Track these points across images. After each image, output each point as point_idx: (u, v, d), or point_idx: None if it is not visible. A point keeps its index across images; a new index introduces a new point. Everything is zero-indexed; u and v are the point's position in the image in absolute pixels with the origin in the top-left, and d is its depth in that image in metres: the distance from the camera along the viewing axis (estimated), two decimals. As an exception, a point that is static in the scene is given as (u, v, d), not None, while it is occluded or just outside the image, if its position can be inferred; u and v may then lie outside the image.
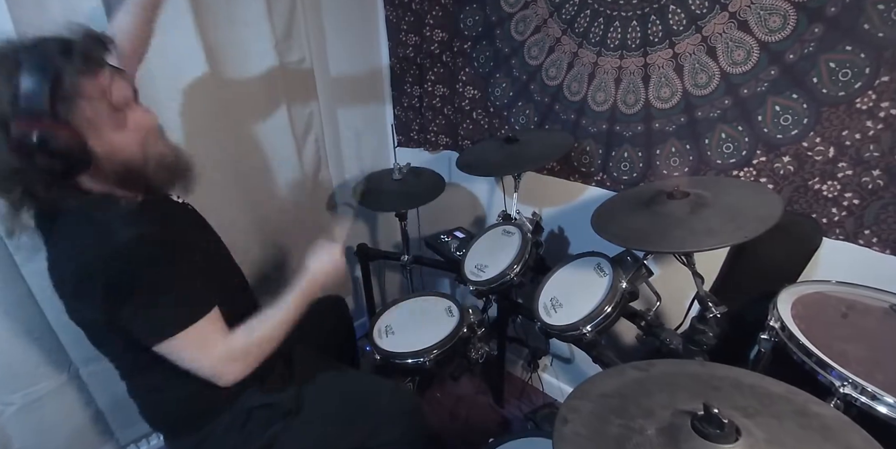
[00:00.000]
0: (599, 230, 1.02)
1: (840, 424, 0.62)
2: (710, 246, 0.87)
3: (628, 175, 1.34)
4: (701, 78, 1.11)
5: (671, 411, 0.63)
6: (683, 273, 1.02)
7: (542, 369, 1.84)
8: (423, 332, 1.37)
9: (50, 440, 1.28)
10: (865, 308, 0.95)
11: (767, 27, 1.00)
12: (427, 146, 1.83)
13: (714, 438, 0.57)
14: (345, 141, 1.85)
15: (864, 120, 0.94)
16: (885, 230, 0.99)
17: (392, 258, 1.79)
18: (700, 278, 1.01)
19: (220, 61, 1.34)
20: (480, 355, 1.47)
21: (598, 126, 1.34)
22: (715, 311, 0.99)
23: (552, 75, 1.38)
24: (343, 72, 1.74)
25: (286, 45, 1.48)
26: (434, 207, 1.58)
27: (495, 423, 1.76)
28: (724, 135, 1.13)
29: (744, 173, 1.13)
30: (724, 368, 0.73)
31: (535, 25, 1.36)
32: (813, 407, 0.65)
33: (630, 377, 0.72)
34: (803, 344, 0.83)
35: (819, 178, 1.03)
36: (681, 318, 1.13)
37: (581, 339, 1.08)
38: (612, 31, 1.22)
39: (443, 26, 1.58)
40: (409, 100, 1.81)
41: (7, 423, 1.20)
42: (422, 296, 1.57)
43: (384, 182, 1.62)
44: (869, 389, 0.74)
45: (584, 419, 0.65)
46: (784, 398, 0.66)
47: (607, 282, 1.12)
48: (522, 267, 1.28)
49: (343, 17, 1.66)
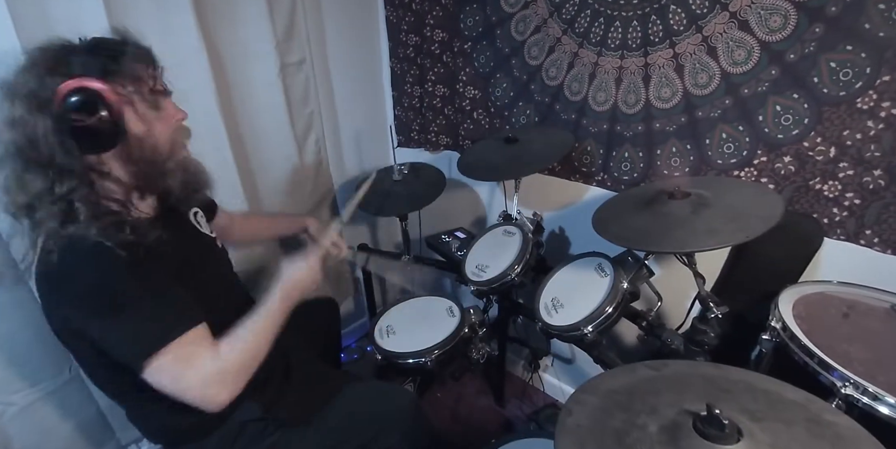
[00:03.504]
0: (600, 230, 1.02)
1: (854, 433, 0.61)
2: (711, 246, 0.87)
3: (629, 175, 1.34)
4: (701, 78, 1.11)
5: (676, 410, 0.63)
6: (684, 273, 1.02)
7: (543, 370, 1.84)
8: (424, 332, 1.37)
9: (50, 441, 1.28)
10: (867, 308, 0.95)
11: (768, 27, 0.99)
12: (427, 146, 1.83)
13: (713, 439, 0.57)
14: (345, 141, 1.85)
15: (865, 120, 0.94)
16: (887, 230, 0.99)
17: (393, 258, 1.79)
18: (701, 278, 1.01)
19: (222, 61, 1.35)
20: (481, 355, 1.47)
21: (598, 126, 1.34)
22: (716, 311, 0.99)
23: (552, 75, 1.38)
24: (343, 72, 1.73)
25: (287, 45, 1.49)
26: (435, 208, 1.58)
27: (496, 423, 1.75)
28: (725, 135, 1.13)
29: (745, 173, 1.13)
30: (738, 371, 0.72)
31: (536, 25, 1.36)
32: (827, 416, 0.63)
33: (641, 376, 0.72)
34: (805, 344, 0.83)
35: (820, 178, 1.03)
36: (682, 318, 1.13)
37: (582, 339, 1.08)
38: (613, 31, 1.22)
39: (443, 26, 1.58)
40: (409, 100, 1.80)
41: (8, 423, 1.20)
42: (422, 296, 1.57)
43: (384, 183, 1.62)
44: (871, 390, 0.74)
45: (588, 412, 0.65)
46: (798, 405, 0.66)
47: (608, 282, 1.12)
48: (523, 267, 1.27)
49: (343, 17, 1.66)
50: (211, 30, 1.29)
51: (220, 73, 1.34)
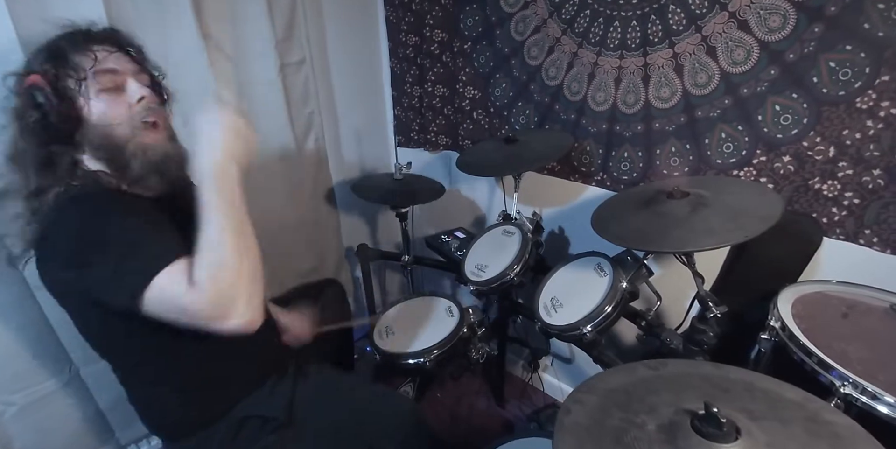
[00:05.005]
0: (600, 230, 1.02)
1: (852, 433, 0.61)
2: (710, 246, 0.87)
3: (628, 175, 1.34)
4: (701, 78, 1.11)
5: (674, 409, 0.63)
6: (684, 273, 1.02)
7: (543, 369, 1.84)
8: (423, 332, 1.37)
9: (50, 440, 1.28)
10: (866, 308, 0.95)
11: (767, 27, 0.99)
12: (427, 146, 1.83)
13: (711, 437, 0.57)
14: (345, 141, 1.85)
15: (864, 119, 0.94)
16: (886, 230, 0.99)
17: (392, 258, 1.79)
18: (700, 278, 1.01)
19: (221, 61, 1.35)
20: (481, 355, 1.47)
21: (598, 126, 1.34)
22: (715, 310, 0.99)
23: (552, 75, 1.38)
24: (343, 72, 1.74)
25: (287, 44, 1.49)
26: (435, 208, 1.58)
27: (496, 423, 1.75)
28: (724, 134, 1.13)
29: (744, 173, 1.13)
30: (738, 370, 0.72)
31: (535, 25, 1.37)
32: (826, 415, 0.63)
33: (640, 375, 0.72)
34: (804, 344, 0.83)
35: (819, 177, 1.03)
36: (681, 317, 1.13)
37: (581, 339, 1.08)
38: (612, 31, 1.22)
39: (443, 26, 1.58)
40: (409, 100, 1.81)
41: (8, 423, 1.20)
42: (422, 296, 1.57)
43: (385, 182, 1.62)
44: (869, 389, 0.74)
45: (586, 411, 0.65)
46: (797, 404, 0.66)
47: (607, 282, 1.12)
48: (523, 267, 1.27)
49: (343, 17, 1.67)
50: (210, 29, 1.29)
51: (219, 72, 1.33)
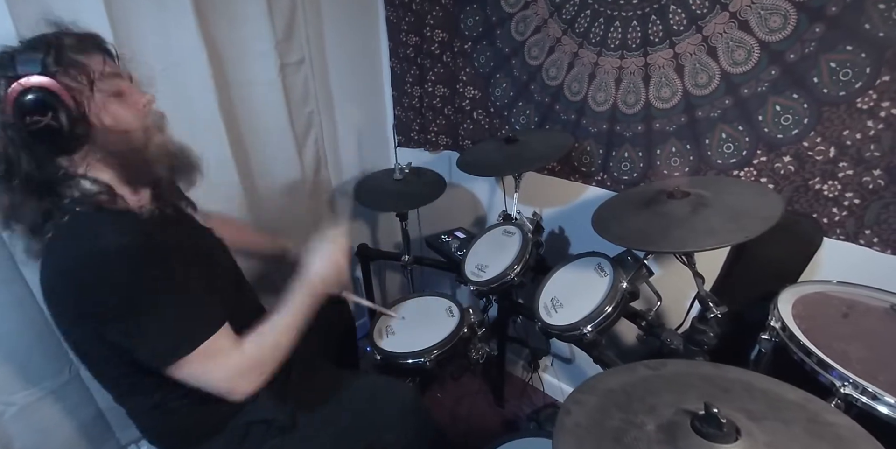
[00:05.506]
0: (600, 230, 1.02)
1: (852, 433, 0.60)
2: (710, 246, 0.87)
3: (629, 175, 1.34)
4: (701, 78, 1.11)
5: (674, 410, 0.63)
6: (684, 273, 1.02)
7: (543, 369, 1.84)
8: (423, 332, 1.37)
9: (51, 440, 1.28)
10: (866, 308, 0.95)
11: (768, 27, 0.99)
12: (427, 146, 1.83)
13: (711, 438, 0.57)
14: (345, 141, 1.85)
15: (864, 120, 0.94)
16: (886, 230, 0.99)
17: (392, 258, 1.79)
18: (701, 278, 1.01)
19: (221, 61, 1.34)
20: (481, 355, 1.46)
21: (598, 126, 1.34)
22: (715, 311, 0.99)
23: (552, 75, 1.38)
24: (343, 72, 1.73)
25: (286, 44, 1.48)
26: (435, 208, 1.58)
27: (496, 423, 1.75)
28: (725, 135, 1.13)
29: (744, 173, 1.13)
30: (737, 370, 0.72)
31: (536, 26, 1.36)
32: (826, 415, 0.63)
33: (640, 375, 0.72)
34: (804, 344, 0.83)
35: (820, 177, 1.03)
36: (681, 318, 1.13)
37: (582, 339, 1.08)
38: (613, 32, 1.22)
39: (443, 26, 1.58)
40: (409, 100, 1.80)
41: (8, 423, 1.20)
42: (422, 296, 1.57)
43: (385, 182, 1.62)
44: (870, 390, 0.74)
45: (586, 411, 0.65)
46: (797, 404, 0.65)
47: (608, 282, 1.12)
48: (523, 267, 1.27)
49: (343, 17, 1.66)
50: (211, 29, 1.29)
51: (219, 72, 1.33)
